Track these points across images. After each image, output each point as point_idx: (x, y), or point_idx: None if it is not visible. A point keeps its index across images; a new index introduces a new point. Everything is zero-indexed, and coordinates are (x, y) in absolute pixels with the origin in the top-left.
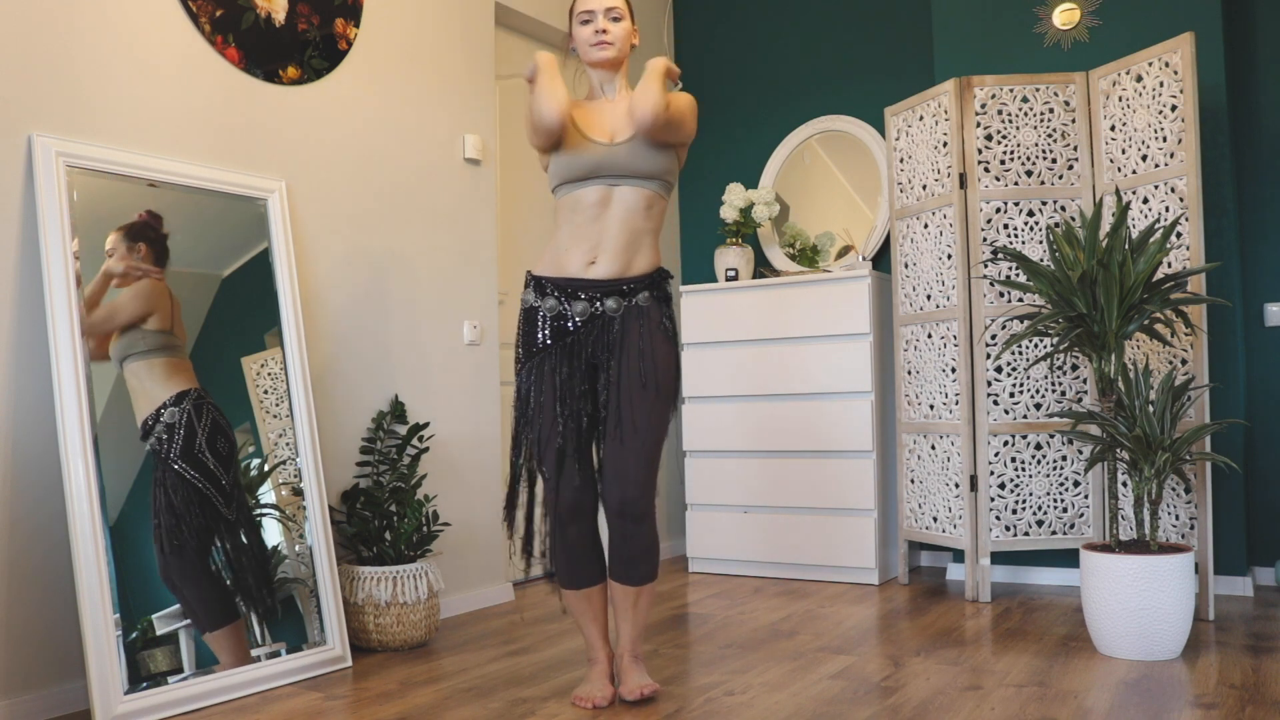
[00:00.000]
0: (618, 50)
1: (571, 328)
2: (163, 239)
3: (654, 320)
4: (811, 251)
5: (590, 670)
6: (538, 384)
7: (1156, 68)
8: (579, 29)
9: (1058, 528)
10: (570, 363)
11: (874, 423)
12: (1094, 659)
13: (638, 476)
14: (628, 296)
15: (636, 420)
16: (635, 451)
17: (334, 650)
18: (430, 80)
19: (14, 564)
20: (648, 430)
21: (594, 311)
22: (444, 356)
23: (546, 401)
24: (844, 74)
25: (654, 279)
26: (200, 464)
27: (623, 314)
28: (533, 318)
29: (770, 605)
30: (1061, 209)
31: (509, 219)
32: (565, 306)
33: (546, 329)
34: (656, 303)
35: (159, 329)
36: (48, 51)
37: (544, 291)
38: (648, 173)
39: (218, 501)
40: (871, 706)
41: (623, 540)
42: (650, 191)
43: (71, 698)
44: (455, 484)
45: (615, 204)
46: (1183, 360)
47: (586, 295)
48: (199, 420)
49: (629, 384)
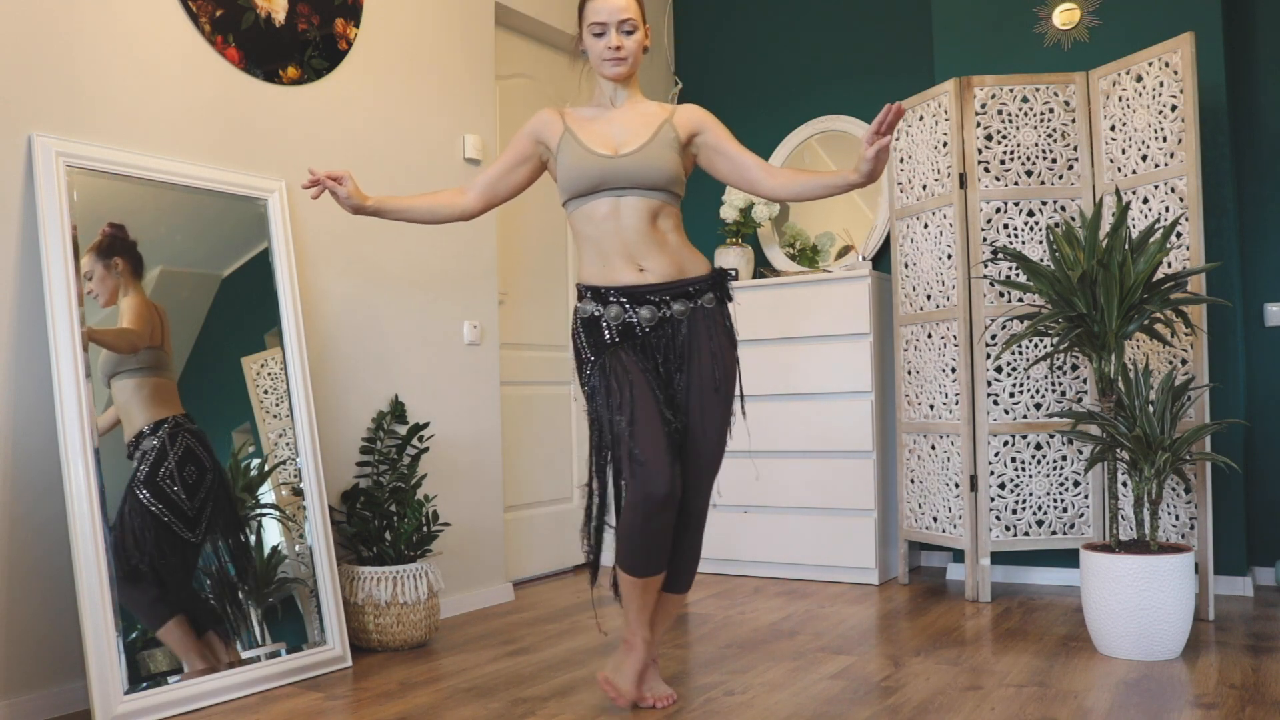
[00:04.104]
0: (631, 65)
1: (639, 333)
2: (133, 246)
3: (719, 322)
4: (811, 251)
5: (625, 657)
6: (618, 373)
7: (1156, 68)
8: (591, 40)
9: (1058, 528)
10: (644, 359)
11: (874, 423)
12: (1094, 659)
13: (702, 485)
14: (694, 298)
15: (707, 428)
16: (703, 459)
17: (334, 650)
18: (430, 80)
19: (14, 564)
20: (717, 439)
21: (662, 315)
22: (444, 356)
23: (636, 383)
24: (844, 74)
25: (717, 279)
26: (161, 492)
27: (690, 316)
28: (596, 325)
29: (770, 605)
30: (1061, 209)
31: (509, 219)
32: (631, 314)
33: (613, 332)
34: (720, 305)
35: (149, 345)
36: (48, 51)
37: (606, 300)
38: (653, 183)
39: (178, 527)
40: (871, 706)
41: (679, 542)
42: (657, 202)
43: (71, 698)
44: (455, 484)
45: (624, 215)
46: (1183, 360)
47: (655, 299)
48: (171, 447)
49: (702, 389)
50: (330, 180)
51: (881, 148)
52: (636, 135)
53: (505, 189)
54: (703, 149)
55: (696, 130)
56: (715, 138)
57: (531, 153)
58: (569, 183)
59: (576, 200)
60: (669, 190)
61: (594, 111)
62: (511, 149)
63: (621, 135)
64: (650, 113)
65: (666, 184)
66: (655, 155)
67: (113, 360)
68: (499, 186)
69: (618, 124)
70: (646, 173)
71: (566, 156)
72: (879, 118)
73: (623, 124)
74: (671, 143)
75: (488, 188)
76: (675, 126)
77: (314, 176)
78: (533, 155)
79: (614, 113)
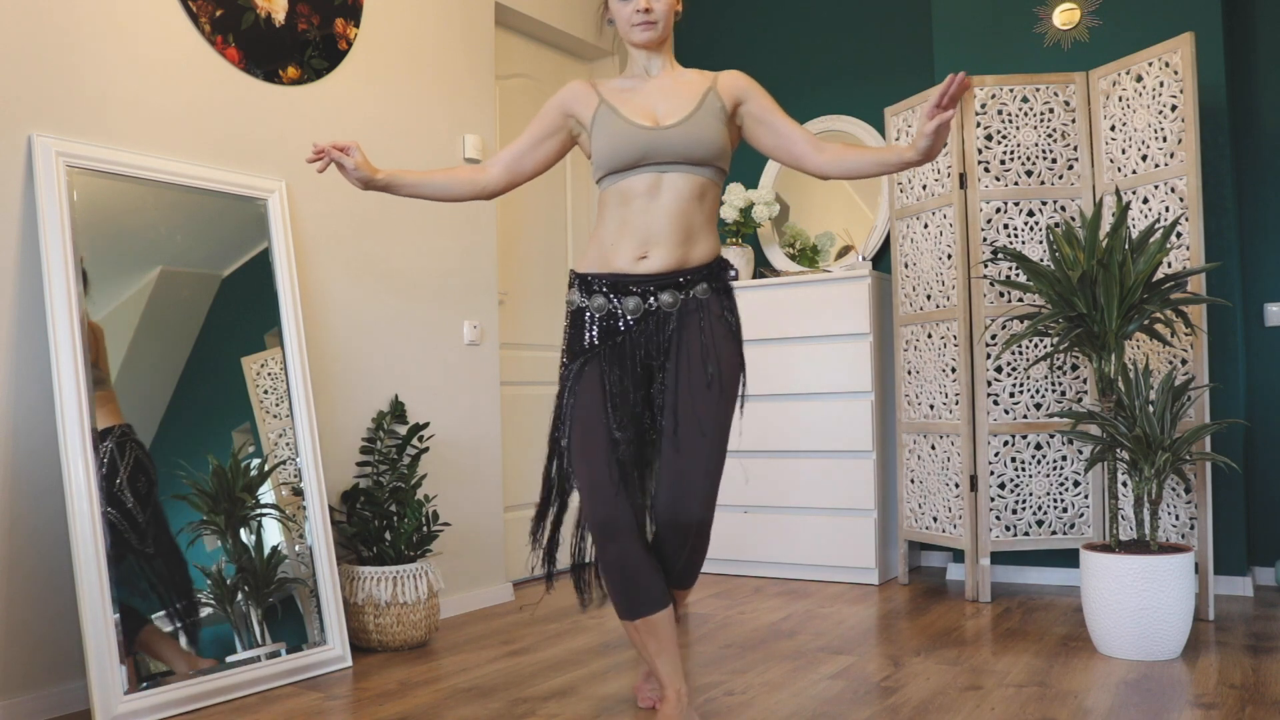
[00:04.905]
0: (662, 29)
1: (622, 327)
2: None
3: (714, 313)
4: (811, 251)
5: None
6: (579, 386)
7: (1156, 68)
8: (617, 5)
9: (1058, 528)
10: (621, 365)
11: (874, 423)
12: (1094, 659)
13: (701, 488)
14: (684, 289)
15: (702, 425)
16: (698, 460)
17: (334, 650)
18: (430, 80)
19: (14, 563)
20: (714, 436)
21: (647, 308)
22: (444, 356)
23: (589, 404)
24: (844, 74)
25: (712, 269)
26: (119, 503)
27: (679, 309)
28: (580, 319)
29: (770, 605)
30: (1061, 209)
31: (510, 219)
32: (616, 304)
33: (594, 330)
34: (716, 295)
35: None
36: (48, 51)
37: (591, 289)
38: (701, 158)
39: (131, 538)
40: (871, 706)
41: (675, 555)
42: (703, 179)
43: (71, 698)
44: (455, 484)
45: (665, 192)
46: (1183, 360)
47: (639, 290)
48: (121, 459)
49: (691, 384)
50: (337, 151)
51: (942, 123)
52: (680, 105)
53: (530, 165)
54: (746, 119)
55: (741, 99)
56: (760, 108)
57: (560, 126)
58: (607, 157)
59: (613, 176)
60: (715, 165)
61: (629, 83)
62: (538, 122)
63: (663, 106)
64: (691, 81)
65: (715, 158)
66: (702, 126)
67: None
68: (524, 162)
69: (657, 94)
70: (694, 145)
71: (604, 129)
72: (941, 88)
73: (662, 94)
74: (718, 112)
75: (511, 163)
76: (720, 95)
77: (318, 149)
78: (561, 129)
79: (651, 83)
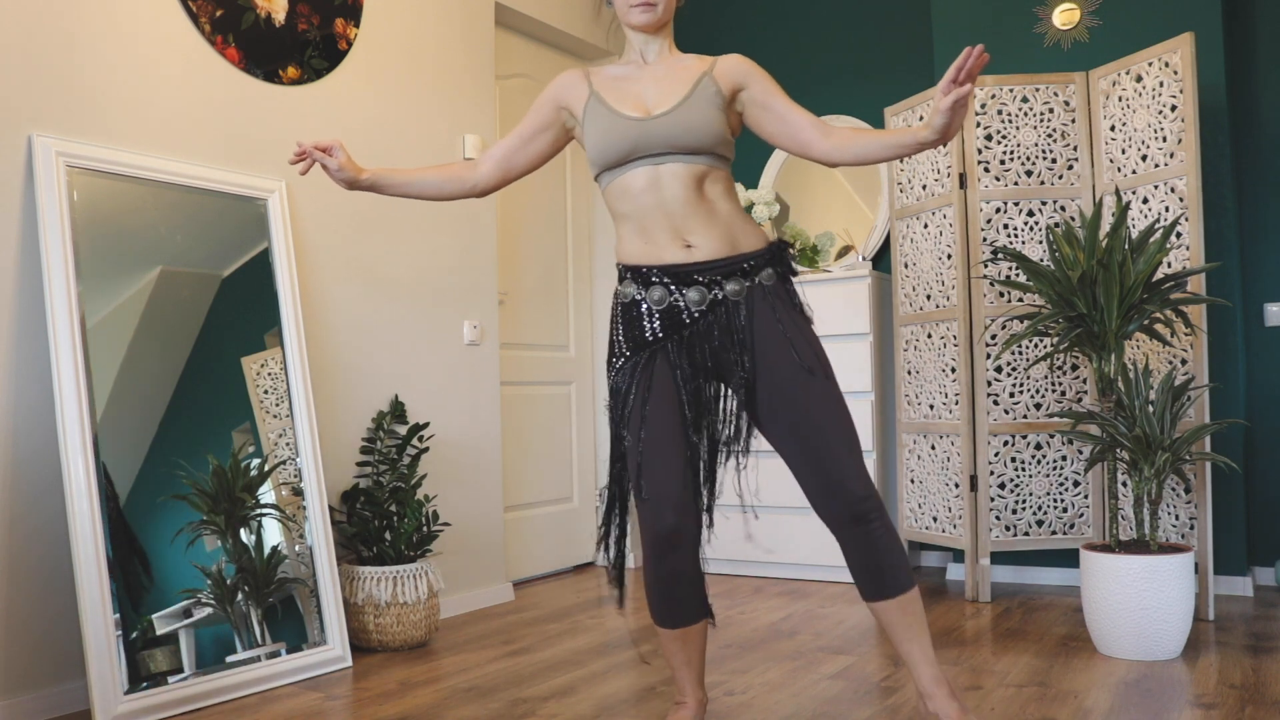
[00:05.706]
0: (662, 12)
1: (688, 320)
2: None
3: (785, 300)
4: (811, 251)
5: (675, 711)
6: (644, 380)
7: (1156, 68)
8: None
9: (1058, 528)
10: (691, 359)
11: (874, 423)
12: (1094, 659)
13: (854, 469)
14: (749, 275)
15: (825, 411)
16: (836, 444)
17: (334, 650)
18: (430, 80)
19: (14, 563)
20: (841, 417)
21: (713, 298)
22: (444, 356)
23: (658, 402)
24: (844, 74)
25: (775, 251)
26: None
27: (747, 298)
28: (634, 312)
29: (770, 605)
30: (1061, 209)
31: (509, 218)
32: (678, 297)
33: (656, 322)
34: (783, 280)
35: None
36: (48, 51)
37: (648, 281)
38: (693, 146)
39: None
40: (871, 706)
41: (859, 548)
42: (700, 166)
43: (71, 698)
44: (455, 484)
45: (666, 185)
46: (1183, 360)
47: (704, 279)
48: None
49: (788, 375)
50: (319, 151)
51: (959, 98)
52: (671, 92)
53: (523, 161)
54: (748, 105)
55: (741, 84)
56: (762, 92)
57: (553, 120)
58: (598, 153)
59: (610, 173)
60: (713, 152)
61: (624, 70)
62: (530, 117)
63: (655, 94)
64: (687, 66)
65: (710, 145)
66: (694, 113)
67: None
68: (515, 159)
69: (650, 82)
70: (684, 134)
71: (593, 123)
72: (958, 62)
73: (656, 81)
74: (713, 97)
75: (503, 160)
76: (716, 79)
77: (301, 149)
78: (554, 123)
79: (646, 70)
